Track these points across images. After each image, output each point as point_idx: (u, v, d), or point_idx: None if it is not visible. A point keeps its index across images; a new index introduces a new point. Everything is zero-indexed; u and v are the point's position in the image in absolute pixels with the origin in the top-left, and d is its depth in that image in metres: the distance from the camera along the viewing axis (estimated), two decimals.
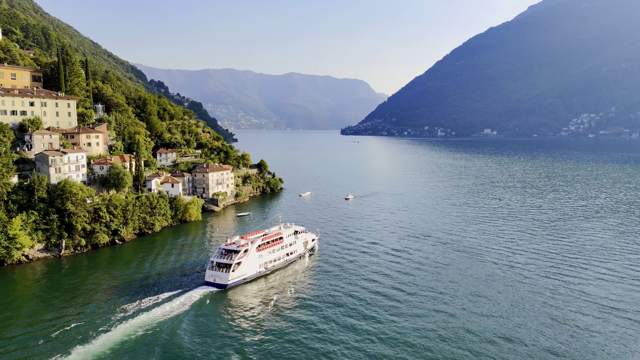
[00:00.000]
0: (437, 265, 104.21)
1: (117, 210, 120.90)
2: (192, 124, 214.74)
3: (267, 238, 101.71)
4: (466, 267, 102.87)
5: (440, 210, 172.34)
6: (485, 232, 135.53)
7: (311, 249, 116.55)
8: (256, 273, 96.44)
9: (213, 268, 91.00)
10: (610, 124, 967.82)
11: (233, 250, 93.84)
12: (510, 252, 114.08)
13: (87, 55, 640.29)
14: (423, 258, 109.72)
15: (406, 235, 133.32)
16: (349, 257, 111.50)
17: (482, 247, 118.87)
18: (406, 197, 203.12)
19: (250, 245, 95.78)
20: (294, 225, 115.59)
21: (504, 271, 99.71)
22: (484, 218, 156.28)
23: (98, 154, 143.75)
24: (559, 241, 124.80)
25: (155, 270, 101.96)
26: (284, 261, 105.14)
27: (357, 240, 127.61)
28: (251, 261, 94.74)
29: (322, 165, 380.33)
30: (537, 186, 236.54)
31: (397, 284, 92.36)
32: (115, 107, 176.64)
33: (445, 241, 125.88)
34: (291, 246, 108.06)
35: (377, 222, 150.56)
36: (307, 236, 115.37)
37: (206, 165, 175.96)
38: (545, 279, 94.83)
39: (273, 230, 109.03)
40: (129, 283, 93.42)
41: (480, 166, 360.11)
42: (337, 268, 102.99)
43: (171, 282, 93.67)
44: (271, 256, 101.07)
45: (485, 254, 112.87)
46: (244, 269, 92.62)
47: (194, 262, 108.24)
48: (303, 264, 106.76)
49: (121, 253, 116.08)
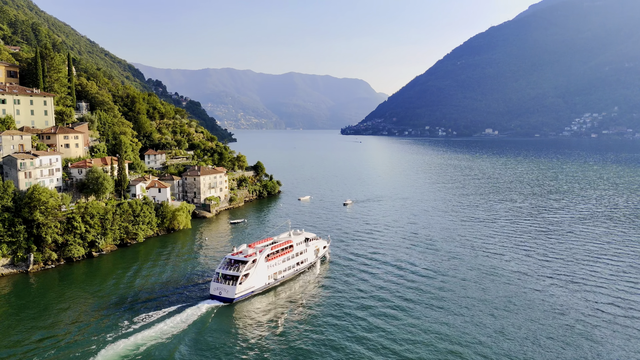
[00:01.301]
0: (454, 282, 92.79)
1: (94, 219, 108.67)
2: (184, 123, 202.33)
3: (277, 246, 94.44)
4: (485, 285, 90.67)
5: (448, 217, 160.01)
6: (500, 243, 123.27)
7: (322, 257, 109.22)
8: (265, 285, 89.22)
9: (219, 280, 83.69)
10: (613, 123, 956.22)
11: (240, 261, 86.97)
12: (527, 266, 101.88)
13: (83, 54, 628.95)
14: (438, 273, 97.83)
15: (415, 245, 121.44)
16: (360, 266, 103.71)
17: (499, 260, 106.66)
18: (411, 202, 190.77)
19: (258, 254, 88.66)
20: (304, 231, 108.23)
21: (523, 287, 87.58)
22: (496, 226, 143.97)
23: (77, 156, 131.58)
24: (584, 256, 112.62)
25: (140, 285, 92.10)
26: (294, 271, 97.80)
27: (365, 248, 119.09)
28: (260, 272, 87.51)
29: (322, 167, 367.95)
30: (548, 189, 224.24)
31: (414, 299, 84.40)
32: (100, 105, 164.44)
33: (457, 254, 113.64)
34: (302, 254, 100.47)
35: (385, 230, 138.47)
36: (318, 243, 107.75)
37: (198, 167, 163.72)
38: (573, 298, 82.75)
39: (282, 237, 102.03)
40: (109, 301, 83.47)
41: (485, 167, 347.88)
42: (350, 279, 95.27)
43: (165, 298, 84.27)
44: (281, 266, 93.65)
45: (502, 267, 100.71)
46: (252, 281, 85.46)
47: (183, 275, 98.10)
48: (314, 274, 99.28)
49: (99, 267, 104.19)
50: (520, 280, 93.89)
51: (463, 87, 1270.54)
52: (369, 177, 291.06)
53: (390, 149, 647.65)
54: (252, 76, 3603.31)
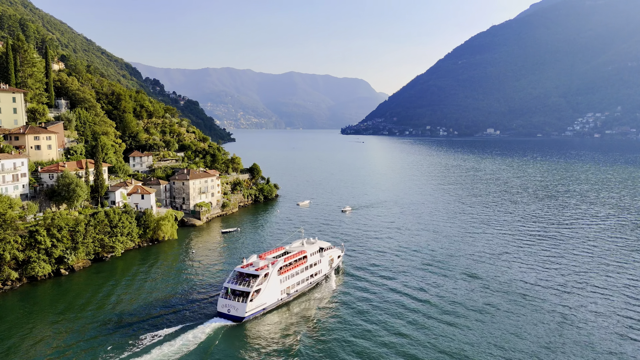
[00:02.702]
0: (477, 299, 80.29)
1: (62, 232, 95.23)
2: (175, 122, 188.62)
3: (290, 258, 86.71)
4: (517, 319, 77.27)
5: (459, 223, 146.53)
6: (516, 253, 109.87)
7: (336, 268, 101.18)
8: (277, 301, 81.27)
9: (227, 296, 76.07)
10: (616, 123, 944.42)
11: (251, 275, 79.07)
12: (556, 280, 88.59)
13: (78, 52, 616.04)
14: (459, 289, 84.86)
15: (427, 253, 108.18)
16: (376, 279, 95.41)
17: (517, 271, 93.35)
18: (418, 207, 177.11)
19: (271, 267, 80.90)
20: (317, 240, 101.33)
21: (552, 312, 74.42)
22: (513, 235, 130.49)
23: (50, 159, 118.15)
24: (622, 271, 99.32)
25: (122, 305, 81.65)
26: (308, 284, 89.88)
27: (378, 257, 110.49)
28: (272, 287, 79.66)
29: (323, 168, 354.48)
30: (564, 192, 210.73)
31: (434, 315, 77.22)
32: (81, 102, 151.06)
33: (480, 274, 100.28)
34: (316, 266, 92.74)
35: (395, 238, 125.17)
36: (332, 253, 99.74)
37: (187, 170, 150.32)
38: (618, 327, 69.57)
39: (295, 247, 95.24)
40: (86, 325, 73.23)
41: (492, 169, 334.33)
42: (367, 294, 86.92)
43: (157, 319, 74.80)
44: (294, 279, 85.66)
45: (524, 281, 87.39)
46: (264, 297, 77.66)
47: (174, 292, 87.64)
48: (329, 287, 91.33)
49: (69, 286, 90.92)
50: (559, 300, 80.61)
51: (464, 86, 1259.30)
52: (372, 179, 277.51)
53: (393, 149, 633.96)
54: (252, 76, 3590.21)
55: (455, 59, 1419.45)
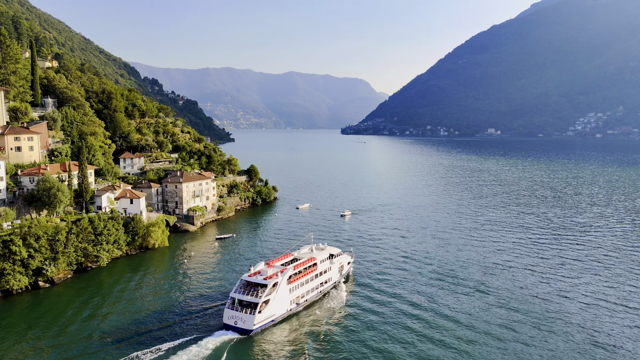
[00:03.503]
0: (499, 325, 71.92)
1: (39, 241, 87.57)
2: (168, 122, 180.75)
3: (299, 265, 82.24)
4: (542, 340, 69.65)
5: (469, 231, 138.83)
6: (534, 265, 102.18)
7: (346, 275, 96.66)
8: (286, 312, 76.94)
9: (234, 307, 71.73)
10: (618, 123, 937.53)
11: (259, 284, 74.80)
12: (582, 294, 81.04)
13: (76, 51, 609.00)
14: (474, 307, 77.05)
15: (438, 260, 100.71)
16: (387, 288, 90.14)
17: (543, 292, 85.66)
18: (422, 212, 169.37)
19: (280, 276, 76.62)
20: (327, 245, 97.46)
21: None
22: (527, 242, 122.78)
23: (32, 161, 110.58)
24: None
25: (110, 318, 75.70)
26: (317, 293, 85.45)
27: (386, 264, 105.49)
28: (281, 297, 75.30)
29: (323, 169, 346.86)
30: (573, 195, 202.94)
31: (451, 327, 73.09)
32: (69, 101, 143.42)
33: (495, 287, 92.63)
34: (326, 274, 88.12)
35: (402, 243, 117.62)
36: (342, 259, 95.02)
37: (180, 173, 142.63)
38: None
39: (304, 253, 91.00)
40: (70, 340, 67.27)
41: (496, 170, 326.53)
42: (379, 306, 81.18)
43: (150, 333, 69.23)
44: (303, 288, 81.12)
45: (547, 299, 79.79)
46: (273, 308, 73.39)
47: (168, 304, 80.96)
48: (339, 296, 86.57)
49: (49, 300, 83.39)
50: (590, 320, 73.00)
51: (465, 86, 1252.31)
52: (374, 180, 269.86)
53: (394, 150, 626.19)
54: (251, 75, 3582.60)
55: (456, 58, 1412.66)
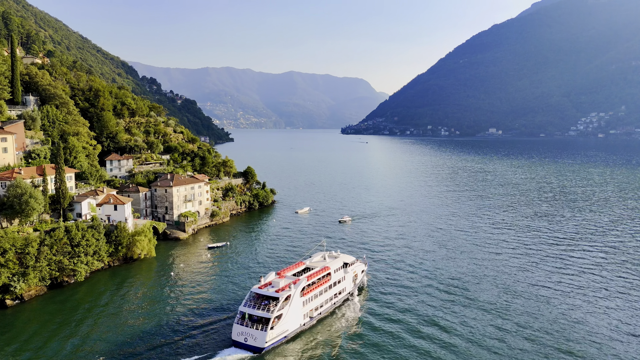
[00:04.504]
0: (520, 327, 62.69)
1: (7, 254, 78.12)
2: (160, 121, 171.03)
3: (313, 276, 75.96)
4: None
5: (481, 241, 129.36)
6: (556, 281, 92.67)
7: (360, 285, 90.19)
8: (299, 327, 71.01)
9: (244, 323, 65.61)
10: (620, 123, 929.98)
11: (270, 297, 68.87)
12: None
13: (72, 49, 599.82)
14: (492, 327, 67.71)
15: (453, 268, 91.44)
16: (402, 297, 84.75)
17: (571, 317, 76.24)
18: (429, 218, 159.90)
19: (293, 288, 70.57)
20: (340, 254, 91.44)
21: None
22: (546, 254, 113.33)
23: (5, 164, 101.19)
24: None
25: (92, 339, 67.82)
26: (332, 305, 79.57)
27: (399, 272, 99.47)
28: (295, 311, 69.45)
29: (323, 171, 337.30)
30: (586, 198, 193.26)
31: (472, 338, 68.47)
32: (52, 99, 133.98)
33: (515, 308, 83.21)
34: (340, 284, 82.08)
35: (414, 251, 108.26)
36: (357, 268, 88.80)
37: (170, 176, 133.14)
38: None
39: (316, 261, 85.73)
40: None
41: (502, 171, 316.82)
42: (391, 321, 74.97)
43: None
44: (317, 301, 75.12)
45: (578, 325, 70.43)
46: (286, 323, 67.56)
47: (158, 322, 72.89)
48: (354, 308, 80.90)
49: (18, 320, 74.16)
50: None
51: (466, 86, 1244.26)
52: (377, 183, 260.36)
53: (395, 150, 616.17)
54: (251, 75, 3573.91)
55: (457, 58, 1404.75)
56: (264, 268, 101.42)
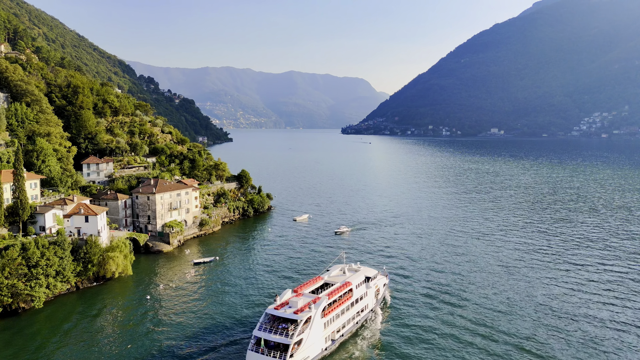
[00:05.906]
0: None
1: None
2: (146, 121, 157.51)
3: (334, 293, 67.45)
4: None
5: (501, 255, 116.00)
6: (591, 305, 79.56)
7: (382, 300, 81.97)
8: (321, 352, 62.30)
9: (259, 349, 57.11)
10: (624, 123, 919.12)
11: (289, 319, 60.91)
12: None
13: (67, 47, 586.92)
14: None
15: (479, 279, 78.17)
16: (428, 311, 77.60)
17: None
18: (439, 227, 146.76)
19: (313, 308, 62.16)
20: (361, 266, 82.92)
21: None
22: (573, 269, 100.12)
23: None
24: None
25: None
26: (354, 324, 71.06)
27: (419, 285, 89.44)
28: (315, 334, 60.87)
29: (324, 172, 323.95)
30: (606, 204, 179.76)
31: None
32: (24, 96, 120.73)
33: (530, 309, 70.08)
34: (362, 300, 73.92)
35: (433, 264, 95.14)
36: (378, 282, 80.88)
37: (154, 181, 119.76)
38: None
39: (335, 275, 77.68)
40: None
41: (510, 173, 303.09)
42: (419, 337, 68.46)
43: None
44: (339, 321, 66.78)
45: None
46: (307, 349, 58.84)
47: None
48: (376, 326, 72.42)
49: None
50: None
51: (467, 85, 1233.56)
52: (381, 186, 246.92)
53: (397, 150, 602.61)
54: (251, 75, 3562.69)
55: (458, 57, 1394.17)
56: (258, 288, 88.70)
